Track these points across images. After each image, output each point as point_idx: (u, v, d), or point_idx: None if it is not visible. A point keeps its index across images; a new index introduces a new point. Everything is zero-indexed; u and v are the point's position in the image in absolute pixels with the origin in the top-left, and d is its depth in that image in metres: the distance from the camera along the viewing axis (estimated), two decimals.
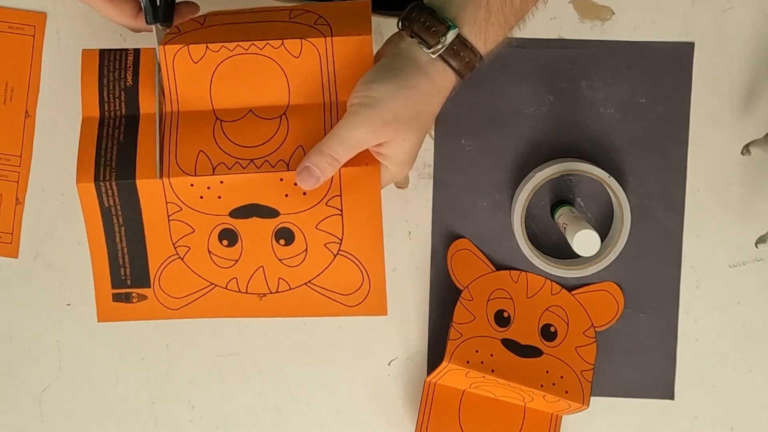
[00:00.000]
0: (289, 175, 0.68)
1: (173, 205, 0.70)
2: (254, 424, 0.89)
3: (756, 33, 0.86)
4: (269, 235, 0.70)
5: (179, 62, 0.70)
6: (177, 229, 0.71)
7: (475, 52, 0.67)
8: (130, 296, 0.73)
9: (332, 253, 0.70)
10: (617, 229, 0.85)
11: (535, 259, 0.85)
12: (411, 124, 0.68)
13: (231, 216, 0.70)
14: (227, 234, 0.70)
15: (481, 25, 0.67)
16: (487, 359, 0.83)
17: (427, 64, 0.67)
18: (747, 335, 0.88)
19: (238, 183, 0.69)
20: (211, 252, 0.71)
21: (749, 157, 0.84)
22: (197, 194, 0.69)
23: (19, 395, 0.88)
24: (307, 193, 0.69)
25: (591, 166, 0.83)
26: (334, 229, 0.70)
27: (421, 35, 0.67)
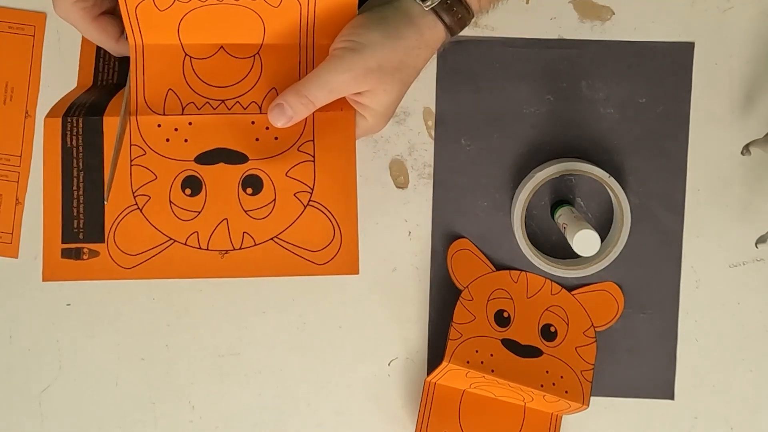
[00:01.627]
0: (261, 118, 0.65)
1: (137, 148, 0.67)
2: (254, 424, 0.89)
3: (756, 33, 0.86)
4: (236, 182, 0.67)
5: (143, 11, 0.65)
6: (138, 176, 0.67)
7: (468, 8, 0.66)
8: (80, 252, 0.69)
9: (302, 204, 0.67)
10: (617, 229, 0.85)
11: (535, 259, 0.85)
12: (394, 75, 0.66)
13: (197, 162, 0.66)
14: (191, 182, 0.67)
15: None
16: (487, 359, 0.83)
17: (419, 17, 0.66)
18: (747, 335, 0.88)
19: (207, 124, 0.65)
20: (173, 202, 0.67)
21: (749, 157, 0.84)
22: (164, 136, 0.66)
23: (19, 395, 0.88)
24: (279, 138, 0.66)
25: (591, 166, 0.83)
26: (305, 176, 0.67)
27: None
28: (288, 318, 0.88)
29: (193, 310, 0.88)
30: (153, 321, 0.88)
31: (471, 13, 0.67)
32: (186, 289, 0.87)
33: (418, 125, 0.87)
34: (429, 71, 0.86)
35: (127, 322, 0.88)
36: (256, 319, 0.88)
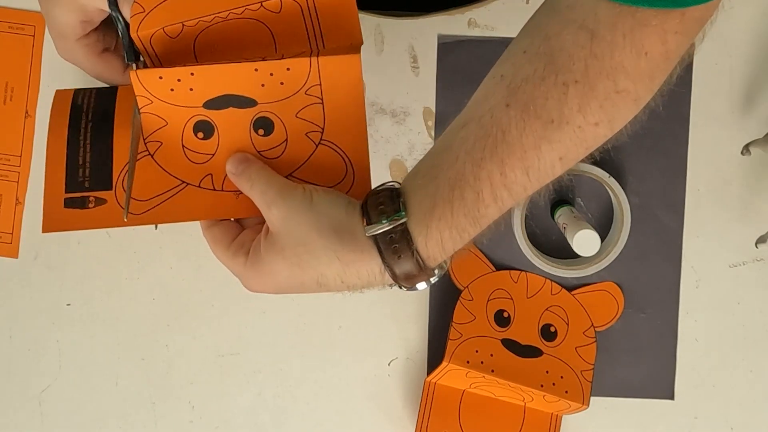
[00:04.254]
0: (265, 65, 0.64)
1: (143, 98, 0.65)
2: (254, 424, 0.89)
3: (756, 33, 0.86)
4: (247, 125, 0.66)
5: (158, 42, 0.66)
6: (149, 123, 0.66)
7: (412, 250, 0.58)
8: (86, 201, 0.67)
9: (314, 143, 0.66)
10: (617, 229, 0.85)
11: (535, 259, 0.85)
12: (298, 248, 0.60)
13: (205, 107, 0.65)
14: (203, 126, 0.66)
15: (425, 217, 0.58)
16: (487, 359, 0.83)
17: (362, 238, 0.59)
18: (747, 335, 0.88)
19: (210, 73, 0.64)
20: (186, 146, 0.66)
21: (749, 157, 0.84)
22: (167, 87, 0.65)
23: (19, 395, 0.88)
24: (285, 83, 0.64)
25: (591, 166, 0.83)
26: (315, 117, 0.66)
27: (368, 209, 0.60)
28: (288, 318, 0.88)
29: (193, 310, 0.88)
30: (153, 321, 0.88)
31: (418, 260, 0.58)
32: (186, 289, 0.88)
33: (418, 125, 0.87)
34: (429, 71, 0.86)
35: (127, 322, 0.88)
36: (256, 319, 0.88)
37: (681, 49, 0.59)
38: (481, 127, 0.58)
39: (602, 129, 0.58)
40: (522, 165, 0.57)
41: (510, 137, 0.57)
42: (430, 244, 0.58)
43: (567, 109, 0.56)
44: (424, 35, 0.86)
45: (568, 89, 0.56)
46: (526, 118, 0.57)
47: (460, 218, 0.58)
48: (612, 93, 0.57)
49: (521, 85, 0.57)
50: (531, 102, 0.57)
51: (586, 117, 0.57)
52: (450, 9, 0.86)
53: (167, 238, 0.87)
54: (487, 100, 0.59)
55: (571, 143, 0.57)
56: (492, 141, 0.57)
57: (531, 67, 0.58)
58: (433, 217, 0.58)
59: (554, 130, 0.57)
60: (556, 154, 0.57)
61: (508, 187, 0.58)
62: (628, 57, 0.56)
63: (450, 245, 0.59)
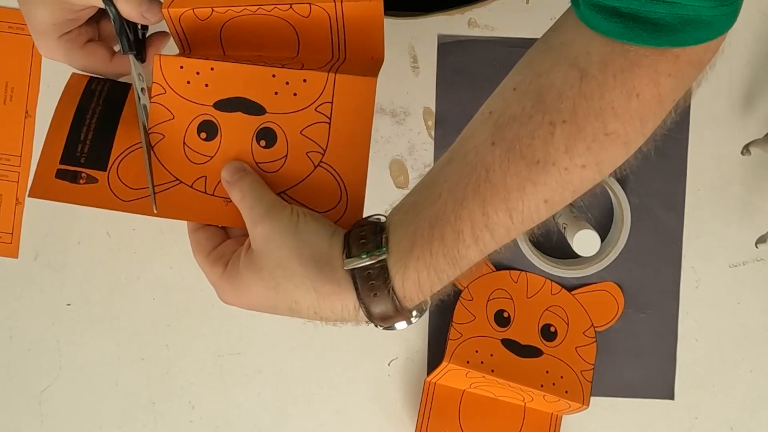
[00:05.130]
0: (283, 73, 0.64)
1: (158, 86, 0.66)
2: (254, 424, 0.89)
3: (756, 33, 0.86)
4: (251, 133, 0.66)
5: (186, 21, 0.66)
6: (156, 113, 0.66)
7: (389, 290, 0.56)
8: (77, 176, 0.66)
9: (313, 164, 0.65)
10: (617, 229, 0.85)
11: (535, 259, 0.85)
12: (275, 272, 0.59)
13: (215, 107, 0.66)
14: (207, 126, 0.66)
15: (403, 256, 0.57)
16: (487, 359, 0.83)
17: (339, 271, 0.58)
18: (747, 335, 0.88)
19: (228, 71, 0.65)
20: (186, 144, 0.66)
21: (749, 157, 0.84)
22: (185, 78, 0.65)
23: (19, 395, 0.88)
24: (298, 95, 0.64)
25: None
26: (319, 137, 0.65)
27: (350, 242, 0.58)
28: (288, 318, 0.88)
29: (193, 310, 0.88)
30: (153, 321, 0.88)
31: (394, 300, 0.56)
32: (186, 289, 0.88)
33: (418, 125, 0.87)
34: (429, 71, 0.86)
35: (127, 322, 0.88)
36: (256, 319, 0.88)
37: (675, 94, 0.57)
38: (465, 165, 0.57)
39: (589, 172, 0.56)
40: (505, 206, 0.56)
41: (494, 177, 0.55)
42: (407, 284, 0.57)
43: (553, 149, 0.55)
44: (424, 35, 0.86)
45: (555, 129, 0.55)
46: (510, 158, 0.55)
47: (439, 258, 0.56)
48: (601, 135, 0.55)
49: (508, 123, 0.56)
50: (517, 141, 0.55)
51: (572, 159, 0.55)
52: (450, 9, 0.86)
53: (167, 238, 0.87)
54: (473, 137, 0.58)
55: (557, 185, 0.56)
56: (475, 179, 0.56)
57: (519, 105, 0.56)
58: (411, 257, 0.56)
59: (539, 172, 0.55)
60: (541, 197, 0.56)
61: (490, 228, 0.56)
62: (618, 98, 0.55)
63: (427, 286, 0.57)
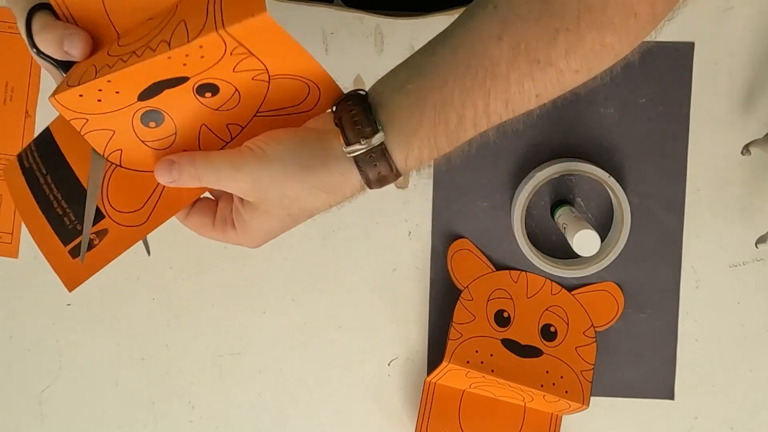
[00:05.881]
0: (177, 53, 0.60)
1: (77, 121, 0.62)
2: (254, 424, 0.89)
3: (756, 33, 0.86)
4: (191, 96, 0.63)
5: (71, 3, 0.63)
6: (98, 139, 0.64)
7: (392, 166, 0.61)
8: (90, 243, 0.65)
9: (265, 82, 0.63)
10: (617, 229, 0.85)
11: (535, 259, 0.85)
12: (283, 202, 0.62)
13: (141, 100, 0.62)
14: (149, 115, 0.63)
15: (407, 137, 0.61)
16: (487, 359, 0.83)
17: (336, 158, 0.61)
18: (747, 335, 0.88)
19: (126, 75, 0.61)
20: (145, 141, 0.64)
21: (749, 157, 0.84)
22: (92, 100, 0.62)
23: (19, 395, 0.88)
24: (205, 56, 0.61)
25: (591, 166, 0.83)
26: (253, 65, 0.62)
27: (344, 127, 0.61)
28: (288, 318, 0.88)
29: (193, 310, 0.88)
30: (153, 321, 0.88)
31: (395, 171, 0.61)
32: (186, 289, 0.88)
33: None
34: None
35: (127, 322, 0.88)
36: (256, 319, 0.88)
37: (666, 13, 0.63)
38: (472, 56, 0.60)
39: (581, 76, 0.61)
40: (504, 97, 0.61)
41: (498, 70, 0.60)
42: (409, 160, 0.61)
43: (554, 53, 0.59)
44: (424, 35, 0.86)
45: (558, 35, 0.59)
46: (516, 55, 0.60)
47: (441, 138, 0.62)
48: (597, 45, 0.60)
49: (515, 22, 0.60)
50: (522, 40, 0.59)
51: (569, 63, 0.60)
52: (450, 9, 0.86)
53: (167, 238, 0.87)
54: (478, 29, 0.61)
55: (549, 84, 0.61)
56: (482, 71, 0.60)
57: (526, 6, 0.60)
58: (416, 137, 0.61)
59: (538, 70, 0.60)
60: (535, 92, 0.61)
61: (488, 115, 0.61)
62: (618, 15, 0.60)
63: (426, 160, 0.63)
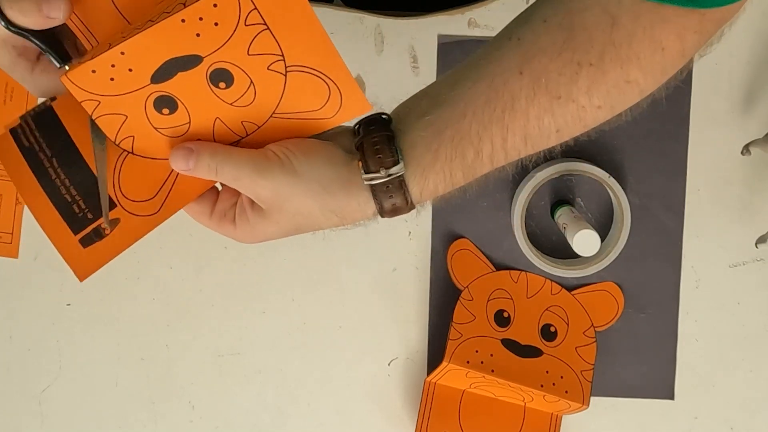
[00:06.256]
0: (190, 12, 0.58)
1: (89, 102, 0.60)
2: (254, 424, 0.89)
3: (756, 33, 0.85)
4: (205, 84, 0.61)
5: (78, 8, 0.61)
6: (110, 125, 0.62)
7: (407, 198, 0.60)
8: (100, 231, 0.63)
9: (281, 73, 0.61)
10: (617, 229, 0.85)
11: (535, 259, 0.85)
12: (296, 217, 0.61)
13: (154, 82, 0.61)
14: (163, 101, 0.62)
15: (423, 170, 0.60)
16: (487, 359, 0.83)
17: (356, 188, 0.60)
18: (747, 335, 0.88)
19: (138, 46, 0.59)
20: (158, 128, 0.62)
21: (749, 157, 0.84)
22: (105, 78, 0.60)
23: (19, 395, 0.88)
24: (219, 22, 0.58)
25: (591, 166, 0.83)
26: (269, 46, 0.60)
27: (365, 154, 0.60)
28: (288, 318, 0.88)
29: (193, 310, 0.88)
30: (153, 321, 0.88)
31: (409, 203, 0.60)
32: (186, 289, 0.88)
33: None
34: (429, 71, 0.86)
35: (127, 322, 0.88)
36: (256, 319, 0.88)
37: (696, 48, 0.61)
38: (492, 89, 0.60)
39: (603, 113, 0.60)
40: (522, 133, 0.60)
41: (518, 105, 0.59)
42: (424, 193, 0.61)
43: (576, 88, 0.58)
44: (424, 35, 0.86)
45: (582, 70, 0.58)
46: (536, 89, 0.58)
47: (457, 172, 0.61)
48: (622, 82, 0.59)
49: (537, 55, 0.58)
50: (544, 74, 0.58)
51: (591, 99, 0.59)
52: (450, 9, 0.86)
53: (167, 238, 0.87)
54: (500, 61, 0.60)
55: (571, 120, 0.59)
56: (501, 106, 0.59)
57: (549, 38, 0.58)
58: (432, 170, 0.60)
59: (559, 106, 0.59)
60: (555, 127, 0.60)
61: (506, 150, 0.61)
62: (645, 50, 0.58)
63: (441, 193, 0.62)
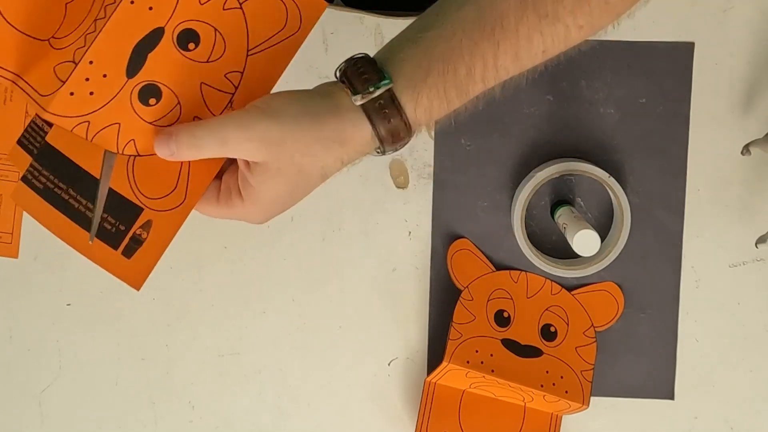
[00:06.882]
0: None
1: (80, 127, 0.60)
2: (254, 424, 0.89)
3: (756, 33, 0.86)
4: (175, 52, 0.60)
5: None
6: (107, 139, 0.61)
7: (401, 113, 0.59)
8: (138, 238, 0.63)
9: (237, 8, 0.61)
10: (617, 229, 0.85)
11: (535, 259, 0.85)
12: (294, 157, 0.59)
13: (130, 77, 0.60)
14: (146, 92, 0.61)
15: (416, 86, 0.60)
16: (487, 359, 0.83)
17: (346, 110, 0.60)
18: (747, 335, 0.88)
19: (104, 46, 0.58)
20: (153, 122, 0.61)
21: (749, 157, 0.84)
22: (85, 94, 0.59)
23: (19, 395, 0.88)
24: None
25: (591, 166, 0.83)
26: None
27: (351, 79, 0.60)
28: (288, 318, 0.88)
29: (193, 310, 0.88)
30: (153, 321, 0.88)
31: (406, 123, 0.60)
32: (186, 289, 0.88)
33: None
34: None
35: (127, 322, 0.88)
36: (256, 319, 0.88)
37: None
38: (480, 10, 0.61)
39: (583, 32, 0.62)
40: (513, 51, 0.61)
41: (507, 24, 0.60)
42: (419, 110, 0.61)
43: (561, 8, 0.60)
44: None
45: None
46: (524, 9, 0.60)
47: (451, 90, 0.61)
48: (602, 3, 0.61)
49: None
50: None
51: (575, 19, 0.61)
52: None
53: None
54: None
55: (556, 40, 0.61)
56: (491, 24, 0.60)
57: None
58: (425, 86, 0.60)
59: (546, 25, 0.61)
60: (542, 47, 0.62)
61: (497, 69, 0.61)
62: None
63: (436, 113, 0.62)
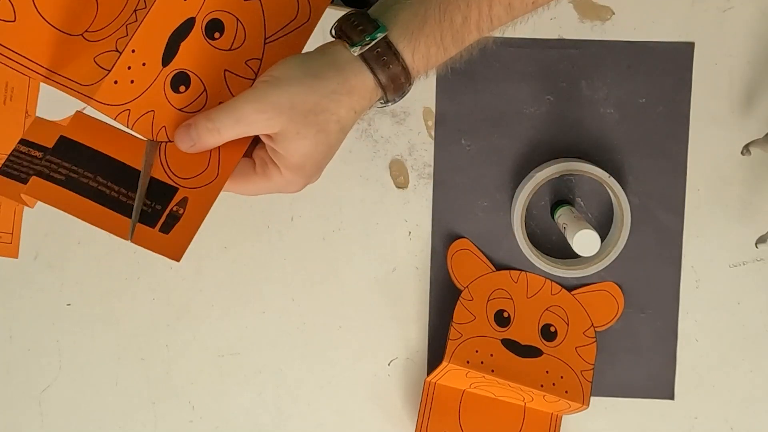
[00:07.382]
0: None
1: (123, 115, 0.62)
2: (254, 424, 0.89)
3: (756, 33, 0.86)
4: (204, 42, 0.63)
5: None
6: (144, 127, 0.63)
7: (399, 59, 0.61)
8: (174, 214, 0.64)
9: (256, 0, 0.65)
10: (617, 229, 0.85)
11: (535, 259, 0.85)
12: (308, 117, 0.61)
13: (165, 65, 0.63)
14: (177, 80, 0.63)
15: (412, 33, 0.62)
16: (487, 359, 0.83)
17: (345, 62, 0.62)
18: (747, 335, 0.88)
19: (146, 35, 0.61)
20: (182, 109, 0.64)
21: (749, 157, 0.84)
22: (127, 82, 0.62)
23: (19, 395, 0.88)
24: None
25: (591, 166, 0.83)
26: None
27: (346, 32, 0.62)
28: (288, 318, 0.88)
29: (193, 310, 0.88)
30: (153, 321, 0.88)
31: (404, 68, 0.62)
32: (186, 289, 0.88)
33: (418, 125, 0.87)
34: None
35: (127, 322, 0.88)
36: (256, 319, 0.88)
37: None
38: None
39: None
40: (506, 1, 0.64)
41: None
42: (416, 57, 0.63)
43: None
44: None
45: None
46: None
47: (447, 38, 0.63)
48: None
49: None
50: None
51: None
52: None
53: None
54: None
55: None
56: None
57: None
58: (422, 34, 0.62)
59: None
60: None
61: (491, 17, 0.64)
62: None
63: (434, 60, 0.64)
